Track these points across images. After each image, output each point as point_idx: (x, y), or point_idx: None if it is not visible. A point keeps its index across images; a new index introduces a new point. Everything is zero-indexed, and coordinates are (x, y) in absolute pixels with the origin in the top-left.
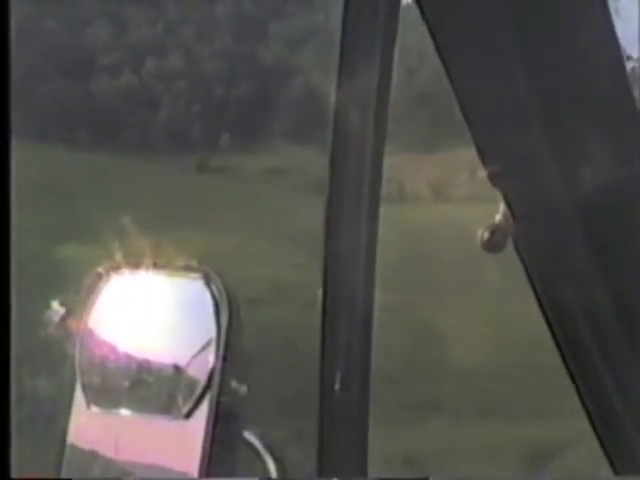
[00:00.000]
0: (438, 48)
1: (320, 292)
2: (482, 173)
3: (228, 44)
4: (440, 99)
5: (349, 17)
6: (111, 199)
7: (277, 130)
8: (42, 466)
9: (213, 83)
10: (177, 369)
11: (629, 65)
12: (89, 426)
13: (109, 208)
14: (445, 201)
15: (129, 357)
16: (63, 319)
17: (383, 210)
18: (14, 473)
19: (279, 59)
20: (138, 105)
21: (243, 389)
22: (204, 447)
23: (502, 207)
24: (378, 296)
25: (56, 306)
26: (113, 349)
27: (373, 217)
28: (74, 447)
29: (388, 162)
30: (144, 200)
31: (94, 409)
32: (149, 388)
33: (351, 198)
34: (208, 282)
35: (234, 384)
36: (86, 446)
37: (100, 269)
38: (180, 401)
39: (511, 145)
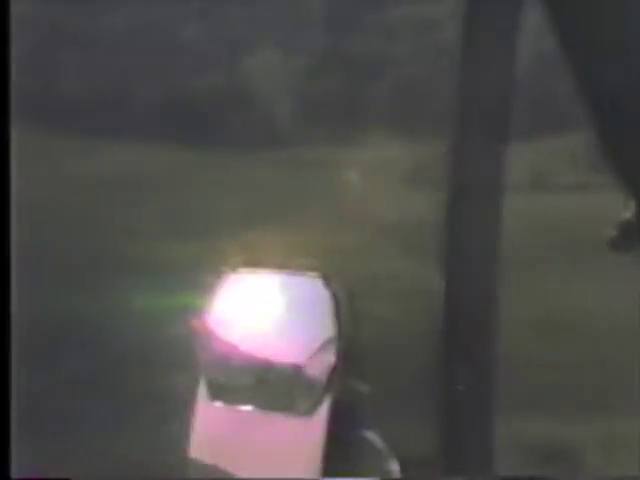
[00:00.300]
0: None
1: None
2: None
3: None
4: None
5: (470, 12)
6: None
7: (373, 123)
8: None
9: (308, 77)
10: (297, 368)
11: None
12: (213, 420)
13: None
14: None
15: (250, 356)
16: (189, 318)
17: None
18: (14, 473)
19: (375, 50)
20: (234, 102)
21: (364, 388)
22: (324, 446)
23: (630, 204)
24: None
25: (183, 305)
26: (235, 348)
27: (496, 210)
28: (199, 441)
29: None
30: (242, 196)
31: (218, 404)
32: (270, 386)
33: (473, 191)
34: (327, 281)
35: (354, 383)
36: (210, 440)
37: (222, 268)
38: (300, 399)
39: (638, 139)
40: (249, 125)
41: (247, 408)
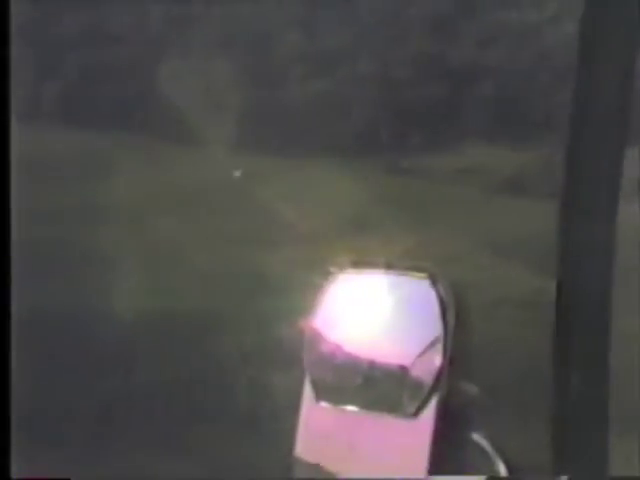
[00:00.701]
0: None
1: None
2: None
3: (419, 45)
4: None
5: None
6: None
7: (467, 130)
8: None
9: (403, 85)
10: (403, 368)
11: None
12: (319, 422)
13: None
14: None
15: (356, 356)
16: (296, 319)
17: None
18: (14, 474)
19: (469, 58)
20: (328, 111)
21: (473, 390)
22: (431, 447)
23: None
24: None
25: (290, 306)
26: (341, 348)
27: (612, 216)
28: (304, 440)
29: None
30: (346, 199)
31: (323, 404)
32: (377, 387)
33: (588, 198)
34: (434, 281)
35: (464, 385)
36: (316, 440)
37: (329, 269)
38: (406, 400)
39: None
40: (348, 132)
41: (353, 408)
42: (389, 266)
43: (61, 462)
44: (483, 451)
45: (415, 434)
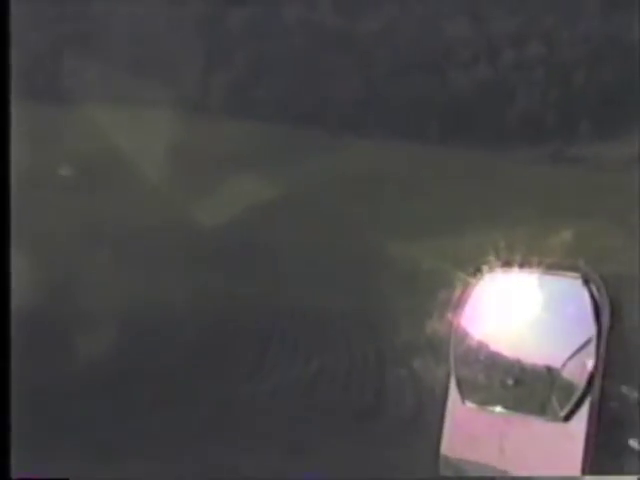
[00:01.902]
0: None
1: None
2: None
3: (591, 27)
4: None
5: None
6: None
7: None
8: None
9: (573, 69)
10: (552, 370)
11: None
12: (465, 421)
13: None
14: None
15: (505, 355)
16: (445, 315)
17: None
18: (14, 473)
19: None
20: (493, 97)
21: (634, 395)
22: (585, 451)
23: None
24: None
25: (439, 302)
26: (489, 347)
27: None
28: (450, 439)
29: None
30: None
31: (469, 404)
32: (525, 388)
33: None
34: (587, 281)
35: (623, 389)
36: (463, 441)
37: (480, 266)
38: (556, 403)
39: None
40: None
41: (499, 409)
42: (540, 264)
43: (61, 462)
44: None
45: (567, 438)
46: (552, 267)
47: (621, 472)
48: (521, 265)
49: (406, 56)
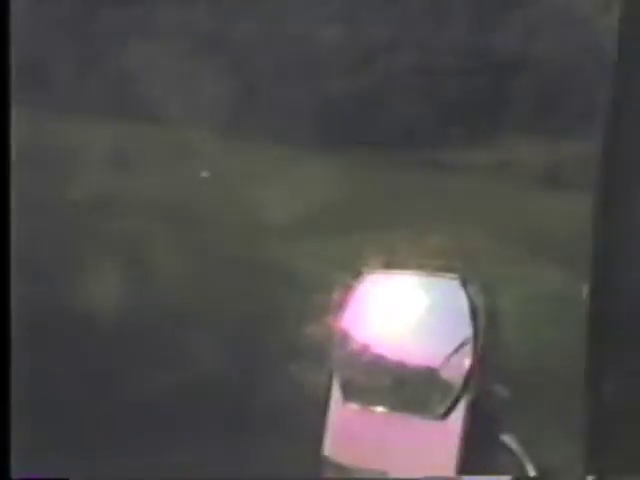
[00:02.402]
0: None
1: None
2: None
3: (463, 36)
4: None
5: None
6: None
7: (507, 123)
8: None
9: (445, 77)
10: (432, 370)
11: None
12: (347, 422)
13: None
14: None
15: (385, 357)
16: (325, 318)
17: None
18: (14, 473)
19: (513, 50)
20: (368, 103)
21: (504, 392)
22: (460, 447)
23: None
24: None
25: (319, 304)
26: (370, 348)
27: None
28: (332, 441)
29: None
30: (374, 197)
31: (351, 405)
32: (406, 388)
33: (623, 192)
34: (464, 282)
35: (495, 387)
36: (345, 442)
37: (359, 268)
38: (435, 402)
39: None
40: (386, 126)
41: (381, 409)
42: (419, 266)
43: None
44: (512, 452)
45: (444, 435)
46: (431, 269)
47: (495, 470)
48: (400, 267)
49: (281, 62)
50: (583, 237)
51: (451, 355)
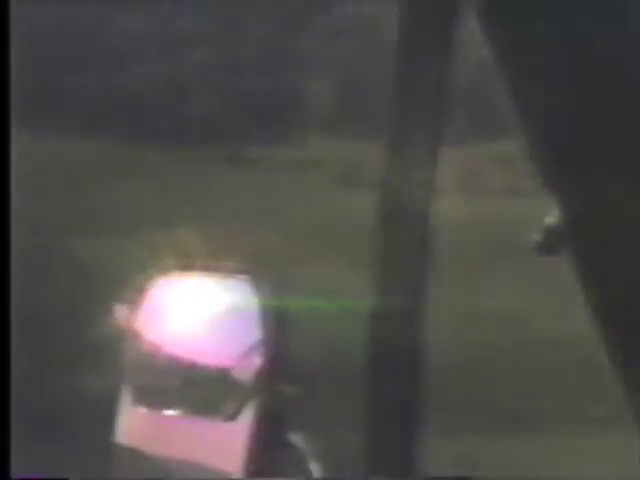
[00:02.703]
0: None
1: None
2: (521, 167)
3: (264, 34)
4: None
5: (407, 11)
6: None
7: (310, 122)
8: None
9: (246, 73)
10: (223, 371)
11: None
12: (136, 426)
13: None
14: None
15: (176, 358)
16: (117, 319)
17: None
18: (14, 473)
19: (315, 50)
20: (170, 97)
21: (291, 392)
22: (249, 448)
23: (555, 209)
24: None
25: (111, 305)
26: (160, 350)
27: (427, 212)
28: (121, 446)
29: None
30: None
31: (141, 410)
32: (196, 389)
33: (407, 193)
34: (256, 284)
35: (283, 387)
36: (133, 445)
37: (150, 270)
38: (226, 402)
39: (567, 148)
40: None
41: (171, 412)
42: (213, 268)
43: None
44: (300, 451)
45: (233, 436)
46: (224, 270)
47: (283, 469)
48: (193, 268)
49: (81, 53)
50: (368, 237)
51: (242, 356)
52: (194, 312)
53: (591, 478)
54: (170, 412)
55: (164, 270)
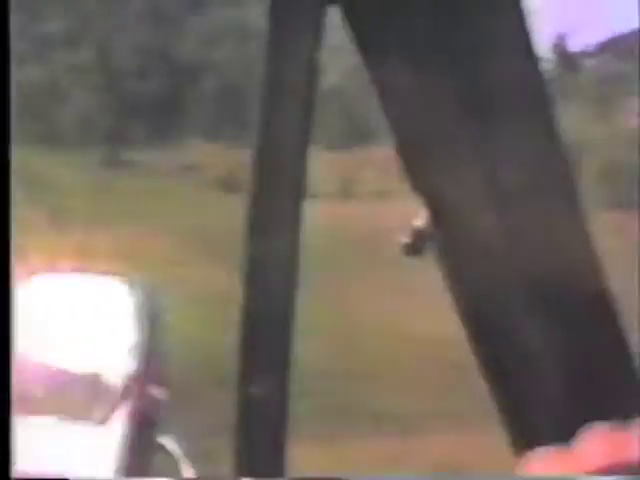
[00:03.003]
0: (366, 61)
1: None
2: (394, 170)
3: (144, 38)
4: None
5: (275, 13)
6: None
7: (190, 126)
8: None
9: (126, 77)
10: (96, 375)
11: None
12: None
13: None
14: (356, 197)
15: (47, 363)
16: None
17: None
18: (14, 473)
19: (195, 55)
20: (46, 99)
21: (162, 395)
22: (120, 451)
23: (423, 212)
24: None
25: None
26: (30, 355)
27: (296, 216)
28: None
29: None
30: (51, 194)
31: (16, 414)
32: (69, 394)
33: (274, 197)
34: (131, 287)
35: (153, 390)
36: (18, 449)
37: (30, 272)
38: (97, 407)
39: (435, 149)
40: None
41: (45, 418)
42: (88, 269)
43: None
44: (171, 454)
45: (105, 440)
46: (102, 272)
47: (155, 472)
48: (68, 270)
49: None
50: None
51: (115, 360)
52: (65, 316)
53: (456, 475)
54: (42, 418)
55: (37, 272)
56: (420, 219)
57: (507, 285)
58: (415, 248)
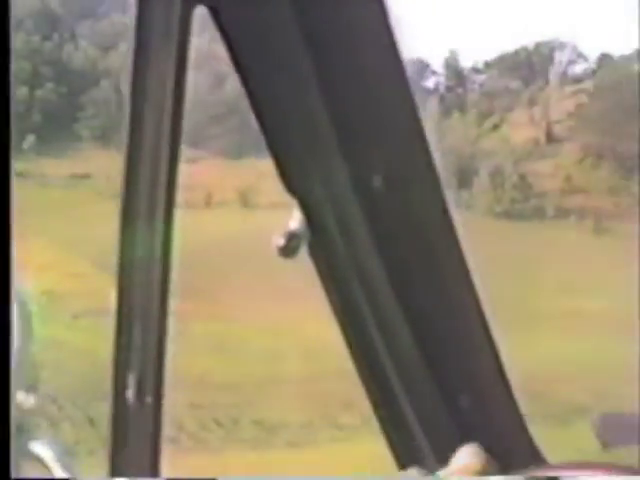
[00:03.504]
0: (233, 62)
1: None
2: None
3: (33, 43)
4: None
5: (142, 17)
6: None
7: (83, 134)
8: None
9: (16, 83)
10: None
11: (433, 79)
12: None
13: None
14: (251, 207)
15: None
16: None
17: (189, 217)
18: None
19: (87, 61)
20: None
21: (30, 400)
22: None
23: (297, 214)
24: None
25: None
26: None
27: (168, 223)
28: None
29: (195, 168)
30: None
31: None
32: None
33: (145, 204)
34: (15, 295)
35: (21, 396)
36: None
37: None
38: None
39: (305, 154)
40: None
41: None
42: None
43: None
44: (41, 460)
45: None
46: None
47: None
48: None
49: None
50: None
51: None
52: None
53: None
54: None
55: None
56: (294, 221)
57: (375, 281)
58: (289, 249)
